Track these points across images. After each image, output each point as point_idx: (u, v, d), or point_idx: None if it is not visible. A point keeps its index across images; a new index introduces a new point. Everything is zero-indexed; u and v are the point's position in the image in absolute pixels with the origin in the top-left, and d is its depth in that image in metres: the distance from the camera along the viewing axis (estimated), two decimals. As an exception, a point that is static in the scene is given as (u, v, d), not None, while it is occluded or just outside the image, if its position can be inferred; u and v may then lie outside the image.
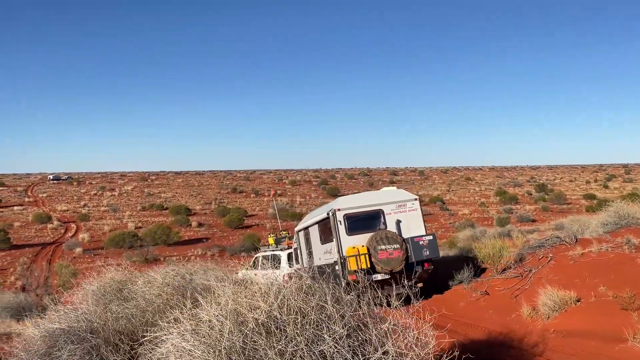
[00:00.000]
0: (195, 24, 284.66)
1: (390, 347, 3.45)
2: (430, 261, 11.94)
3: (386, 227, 12.31)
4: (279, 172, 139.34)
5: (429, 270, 12.00)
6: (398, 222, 12.40)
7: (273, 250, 17.51)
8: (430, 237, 12.03)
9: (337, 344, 3.35)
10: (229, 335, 3.41)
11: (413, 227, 12.42)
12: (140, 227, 51.01)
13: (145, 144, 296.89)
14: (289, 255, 16.35)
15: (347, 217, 12.19)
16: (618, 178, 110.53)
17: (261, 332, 3.46)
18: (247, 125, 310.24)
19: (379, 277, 11.47)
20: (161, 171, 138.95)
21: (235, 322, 3.52)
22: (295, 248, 15.64)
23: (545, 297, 9.04)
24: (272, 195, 30.41)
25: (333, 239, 12.28)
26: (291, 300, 3.62)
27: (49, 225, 52.04)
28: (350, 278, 11.23)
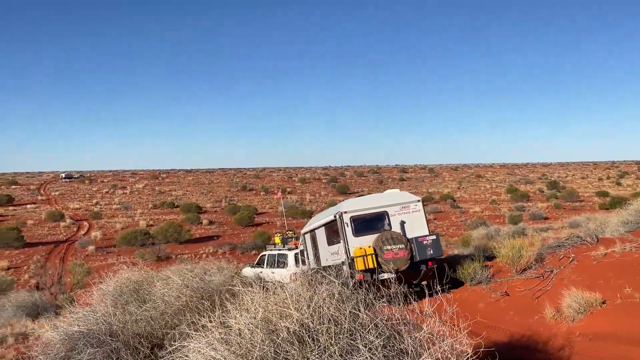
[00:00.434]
0: (201, 23, 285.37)
1: (427, 358, 3.30)
2: (434, 260, 12.34)
3: (391, 228, 12.71)
4: (289, 169, 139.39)
5: (433, 268, 12.36)
6: (402, 223, 12.80)
7: (280, 250, 17.79)
8: (434, 237, 12.45)
9: (372, 354, 3.20)
10: (261, 345, 3.26)
11: (417, 227, 12.84)
12: (151, 225, 51.20)
13: (156, 142, 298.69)
14: (296, 255, 16.61)
15: (354, 219, 12.60)
16: (631, 175, 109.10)
17: (293, 342, 3.31)
18: (256, 123, 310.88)
19: (385, 276, 11.72)
20: (172, 169, 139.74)
21: (266, 331, 3.38)
22: (301, 250, 15.95)
23: (570, 298, 8.80)
24: (279, 196, 30.56)
25: (340, 241, 12.67)
26: (324, 308, 3.47)
27: (62, 224, 52.39)
28: (357, 277, 11.60)
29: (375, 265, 11.88)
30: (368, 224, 12.72)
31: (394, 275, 11.64)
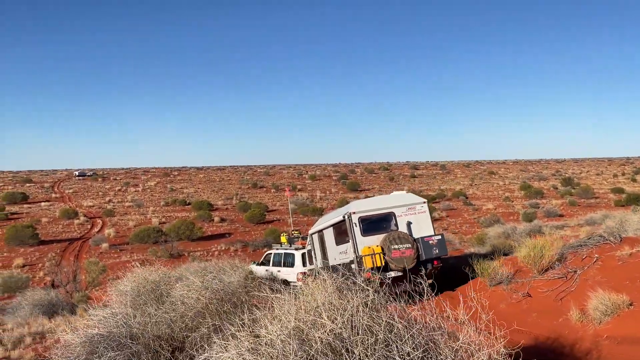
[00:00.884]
0: (213, 21, 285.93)
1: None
2: (439, 259, 12.76)
3: (398, 228, 13.16)
4: (299, 167, 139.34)
5: (439, 267, 12.82)
6: (409, 224, 13.27)
7: (286, 249, 17.99)
8: (439, 237, 12.92)
9: (410, 367, 3.05)
10: (293, 357, 3.12)
11: (423, 227, 13.32)
12: (164, 222, 51.43)
13: (167, 140, 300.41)
14: (303, 255, 16.99)
15: (362, 220, 13.04)
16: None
17: (327, 353, 3.16)
18: (266, 121, 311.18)
19: (392, 275, 12.05)
20: (183, 167, 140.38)
21: (299, 342, 3.23)
22: (309, 249, 16.37)
23: (596, 300, 8.57)
24: (288, 195, 30.75)
25: (349, 240, 13.11)
26: (358, 317, 3.32)
27: (76, 221, 52.82)
28: (365, 276, 11.80)
29: (383, 264, 12.26)
30: (376, 224, 13.17)
31: (401, 274, 12.08)
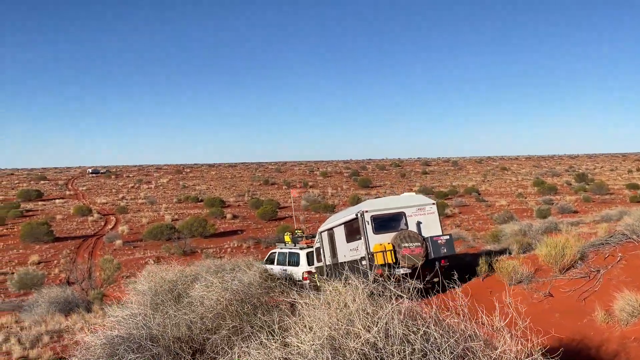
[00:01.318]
0: (224, 17, 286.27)
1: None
2: (446, 258, 13.17)
3: (408, 228, 13.67)
4: (310, 163, 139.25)
5: (446, 265, 13.13)
6: (418, 224, 13.80)
7: (291, 249, 18.33)
8: (447, 237, 13.36)
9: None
10: (327, 366, 3.00)
11: (432, 228, 13.80)
12: (176, 219, 51.66)
13: (179, 137, 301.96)
14: (308, 254, 17.43)
15: (374, 218, 13.57)
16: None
17: (362, 364, 3.03)
18: (278, 118, 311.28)
19: (401, 271, 12.55)
20: (195, 164, 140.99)
21: (332, 351, 3.09)
22: (317, 247, 16.87)
23: (623, 301, 8.34)
24: (294, 195, 30.80)
25: (360, 238, 13.64)
26: (394, 326, 3.18)
27: (90, 218, 53.27)
28: (377, 272, 12.26)
29: (394, 261, 12.75)
30: (387, 223, 13.67)
31: (410, 271, 12.54)
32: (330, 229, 15.76)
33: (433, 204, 14.25)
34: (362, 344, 3.03)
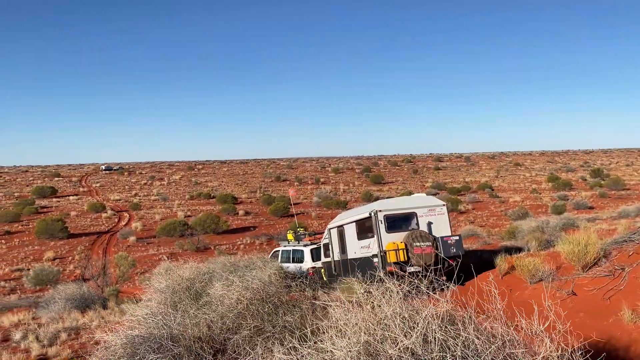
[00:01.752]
0: (234, 13, 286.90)
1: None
2: (454, 258, 13.51)
3: (419, 227, 14.19)
4: (322, 159, 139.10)
5: (455, 265, 13.19)
6: (429, 224, 14.30)
7: (294, 246, 18.78)
8: (457, 237, 13.89)
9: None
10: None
11: (442, 228, 14.34)
12: (189, 215, 51.87)
13: (191, 134, 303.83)
14: (312, 251, 17.98)
15: (387, 217, 14.06)
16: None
17: (399, 372, 2.90)
18: (289, 114, 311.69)
19: (412, 269, 12.82)
20: (207, 160, 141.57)
21: (367, 357, 2.96)
22: (325, 243, 17.35)
23: (651, 300, 8.10)
24: (292, 194, 31.04)
25: (372, 236, 14.11)
26: (432, 331, 3.04)
27: (103, 215, 53.69)
28: (388, 269, 13.14)
29: (406, 259, 13.27)
30: (399, 222, 14.18)
31: (421, 269, 12.62)
32: (340, 226, 16.26)
33: (443, 205, 14.79)
34: (401, 350, 2.90)
